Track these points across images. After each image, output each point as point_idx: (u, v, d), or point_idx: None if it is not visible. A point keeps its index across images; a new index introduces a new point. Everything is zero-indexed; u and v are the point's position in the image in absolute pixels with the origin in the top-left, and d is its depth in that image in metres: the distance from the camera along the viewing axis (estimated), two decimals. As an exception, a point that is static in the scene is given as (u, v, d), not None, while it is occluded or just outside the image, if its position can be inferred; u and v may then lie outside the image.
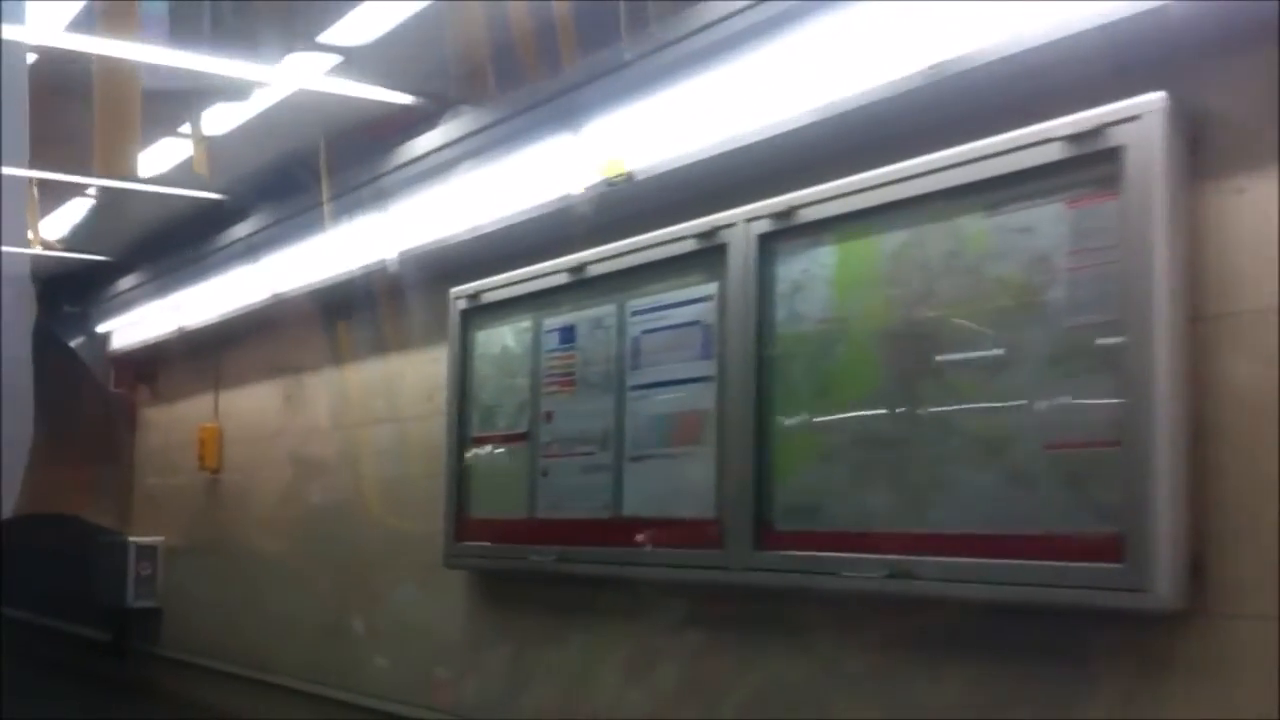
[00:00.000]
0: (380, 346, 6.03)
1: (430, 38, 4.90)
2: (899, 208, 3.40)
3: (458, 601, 5.29)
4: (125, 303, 8.38)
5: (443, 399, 5.43)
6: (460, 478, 5.14)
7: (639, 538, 4.15)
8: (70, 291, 8.94)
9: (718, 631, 3.98)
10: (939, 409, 3.24)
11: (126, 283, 8.21)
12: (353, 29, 5.02)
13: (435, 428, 5.49)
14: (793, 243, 3.72)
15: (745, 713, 3.85)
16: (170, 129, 6.27)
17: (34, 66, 5.98)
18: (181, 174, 6.61)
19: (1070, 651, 2.99)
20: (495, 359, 5.01)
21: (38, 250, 7.86)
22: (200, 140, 6.32)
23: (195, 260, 7.21)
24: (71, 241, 8.13)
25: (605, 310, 4.45)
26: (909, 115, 3.40)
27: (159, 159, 6.54)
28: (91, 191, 7.41)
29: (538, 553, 4.59)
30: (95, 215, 7.70)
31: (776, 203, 3.73)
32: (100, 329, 8.93)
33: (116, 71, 5.12)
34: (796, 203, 3.67)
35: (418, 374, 5.75)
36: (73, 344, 9.08)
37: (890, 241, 3.43)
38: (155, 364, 8.70)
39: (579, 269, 4.55)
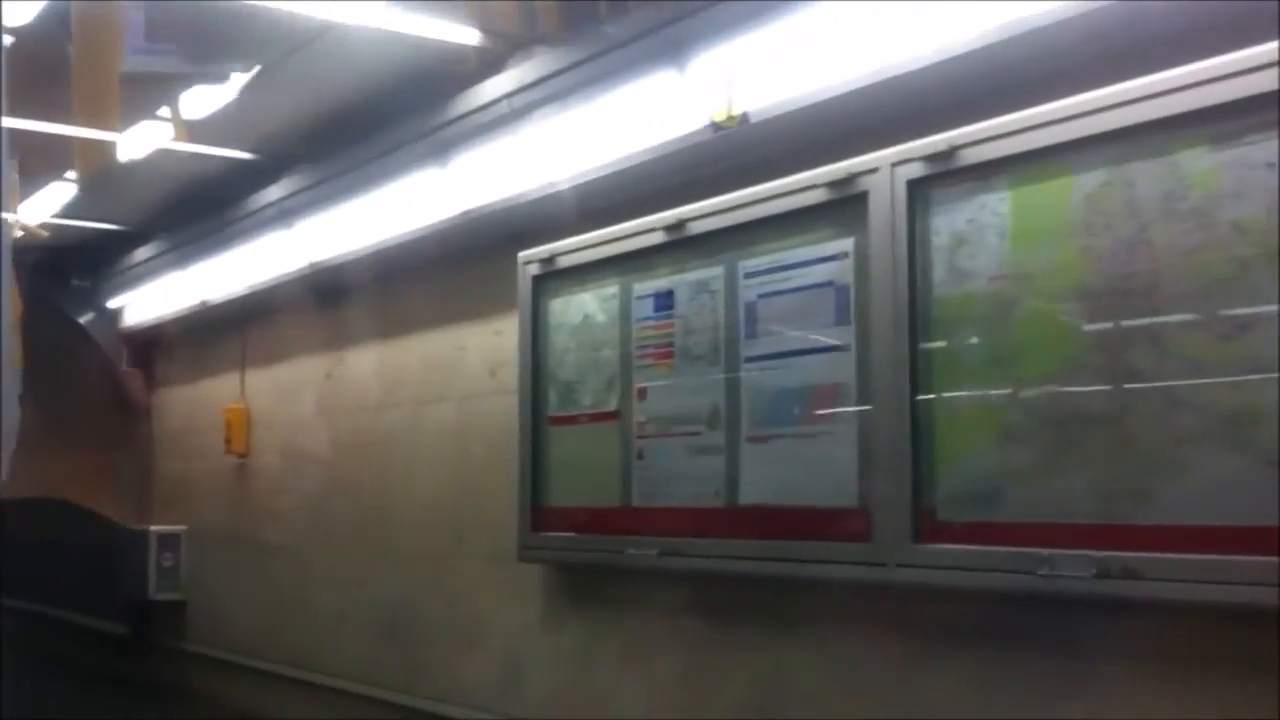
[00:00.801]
0: (435, 318, 5.52)
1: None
2: (1096, 143, 2.90)
3: (532, 597, 4.79)
4: (141, 275, 7.83)
5: (508, 375, 4.94)
6: (535, 462, 4.63)
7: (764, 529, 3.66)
8: (79, 263, 8.40)
9: (865, 638, 3.48)
10: (1160, 380, 2.74)
11: (143, 253, 7.67)
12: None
13: (499, 406, 5.01)
14: (953, 189, 3.22)
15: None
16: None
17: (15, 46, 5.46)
18: (206, 132, 6.07)
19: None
20: (575, 330, 4.50)
21: (26, 217, 7.31)
22: (180, 122, 5.85)
23: (221, 228, 6.66)
24: (79, 209, 7.56)
25: (711, 273, 3.94)
26: (1109, 33, 2.89)
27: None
28: (72, 175, 6.89)
29: (635, 545, 4.09)
30: (107, 180, 7.13)
31: (933, 142, 3.22)
32: (112, 304, 8.39)
33: (96, 23, 4.66)
34: (959, 141, 3.16)
35: (478, 347, 5.24)
36: (82, 320, 8.54)
37: (1085, 183, 2.93)
38: (174, 341, 8.17)
39: (678, 226, 4.04)
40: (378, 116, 5.33)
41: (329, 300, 6.26)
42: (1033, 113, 3.01)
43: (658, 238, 4.12)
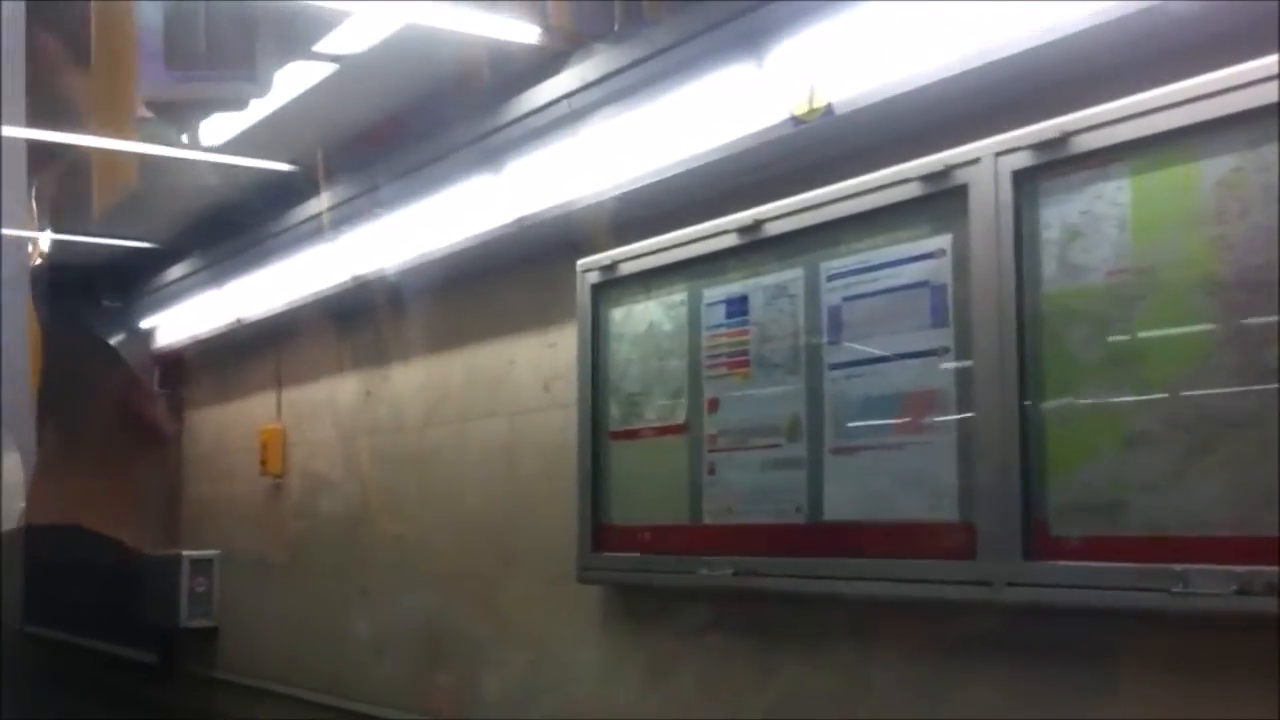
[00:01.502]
0: (483, 331, 5.32)
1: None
2: (1228, 125, 2.68)
3: (591, 620, 4.56)
4: (174, 294, 7.65)
5: (563, 388, 4.74)
6: (596, 479, 4.41)
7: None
8: (110, 283, 8.23)
9: (970, 662, 3.24)
10: (1311, 378, 2.52)
11: (176, 271, 7.49)
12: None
13: (554, 422, 4.81)
14: (1064, 179, 3.00)
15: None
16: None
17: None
18: (242, 144, 5.90)
19: None
20: (638, 340, 4.29)
21: (54, 234, 7.15)
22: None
23: (257, 243, 6.48)
24: (109, 226, 7.38)
25: (790, 275, 3.73)
26: (1238, 6, 2.68)
27: (216, 128, 5.82)
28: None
29: (707, 564, 3.87)
30: (138, 196, 6.95)
31: (1042, 129, 3.01)
32: (144, 324, 8.21)
33: (111, 23, 4.55)
34: (1072, 127, 2.95)
35: (530, 361, 5.03)
36: (113, 341, 8.37)
37: (1215, 168, 2.71)
38: (207, 361, 7.97)
39: (753, 228, 3.83)
40: (425, 124, 5.15)
41: (371, 315, 6.06)
42: (1155, 95, 2.80)
43: (730, 240, 3.91)
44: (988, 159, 3.13)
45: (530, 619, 4.92)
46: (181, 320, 7.80)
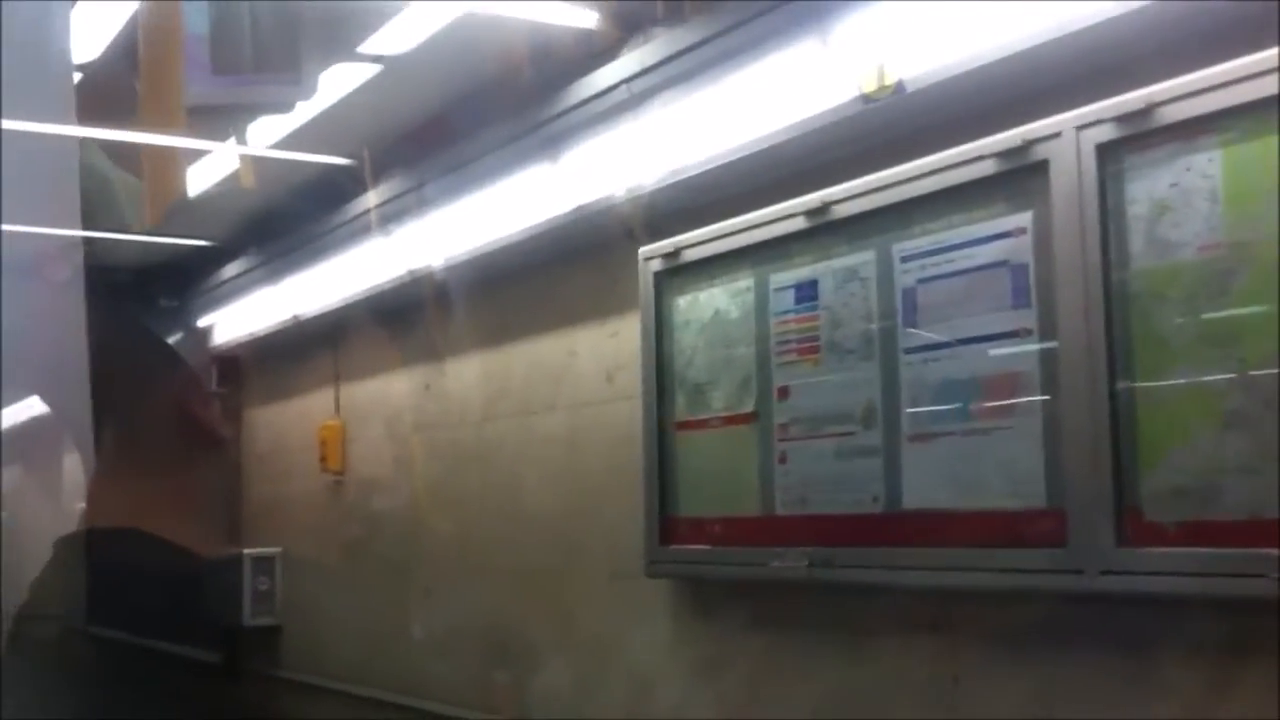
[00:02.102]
0: (543, 322, 5.25)
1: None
2: (1328, 90, 2.57)
3: (660, 615, 4.49)
4: (230, 292, 7.64)
5: (627, 379, 4.66)
6: (662, 470, 4.34)
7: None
8: (167, 282, 8.24)
9: (1066, 654, 3.13)
10: None
11: (232, 269, 7.48)
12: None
13: (618, 413, 4.73)
14: (1151, 151, 2.89)
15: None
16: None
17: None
18: (298, 141, 5.86)
19: None
20: (704, 328, 4.21)
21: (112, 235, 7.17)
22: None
23: (314, 239, 6.45)
24: (166, 226, 7.37)
25: (861, 258, 3.64)
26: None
27: (265, 129, 5.78)
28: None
29: (780, 556, 3.79)
30: (190, 199, 6.94)
31: (1126, 101, 2.90)
32: (201, 323, 8.21)
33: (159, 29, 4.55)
34: (1158, 98, 2.84)
35: (591, 352, 4.96)
36: (170, 341, 8.38)
37: (1313, 136, 2.59)
38: (265, 358, 7.97)
39: (822, 210, 3.73)
40: (481, 116, 5.10)
41: (428, 309, 6.01)
42: (1246, 62, 2.69)
43: (798, 224, 3.82)
44: (1069, 133, 3.03)
45: (596, 616, 4.85)
46: (238, 318, 7.79)
